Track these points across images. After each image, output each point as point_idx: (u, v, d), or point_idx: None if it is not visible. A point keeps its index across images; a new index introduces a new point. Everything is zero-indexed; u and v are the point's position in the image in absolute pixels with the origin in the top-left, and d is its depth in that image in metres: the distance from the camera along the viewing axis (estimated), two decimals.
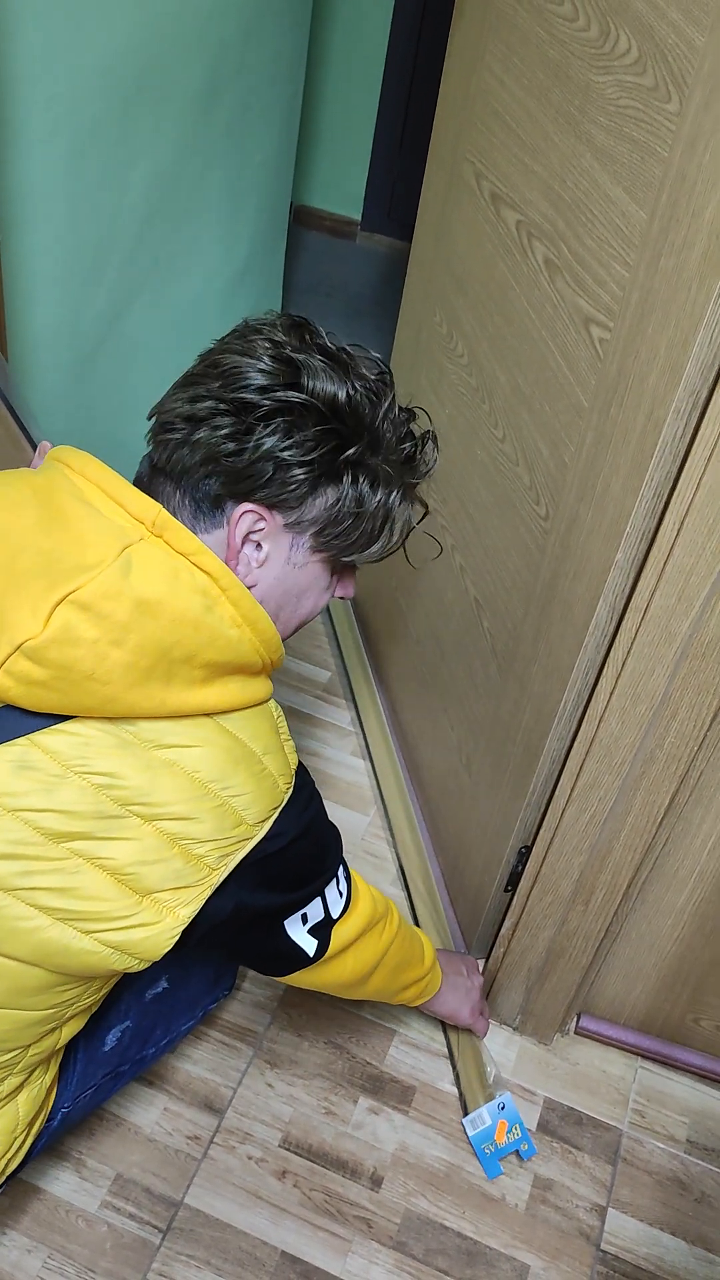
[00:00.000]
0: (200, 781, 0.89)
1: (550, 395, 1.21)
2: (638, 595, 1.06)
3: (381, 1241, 1.33)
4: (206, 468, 0.91)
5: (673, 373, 0.95)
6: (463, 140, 1.43)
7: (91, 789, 0.86)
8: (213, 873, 0.91)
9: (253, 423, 0.90)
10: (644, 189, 0.98)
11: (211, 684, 0.89)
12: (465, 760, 1.57)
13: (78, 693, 0.83)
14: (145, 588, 0.84)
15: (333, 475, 0.94)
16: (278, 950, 1.06)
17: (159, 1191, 1.33)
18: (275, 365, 0.91)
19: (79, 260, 1.71)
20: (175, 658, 0.85)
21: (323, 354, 0.94)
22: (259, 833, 0.93)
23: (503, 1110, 1.41)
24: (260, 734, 0.94)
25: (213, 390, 0.91)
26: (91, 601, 0.82)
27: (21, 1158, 1.10)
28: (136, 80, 1.66)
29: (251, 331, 0.95)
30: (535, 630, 1.28)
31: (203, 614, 0.86)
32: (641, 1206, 1.40)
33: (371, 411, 0.95)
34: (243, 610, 0.90)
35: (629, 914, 1.38)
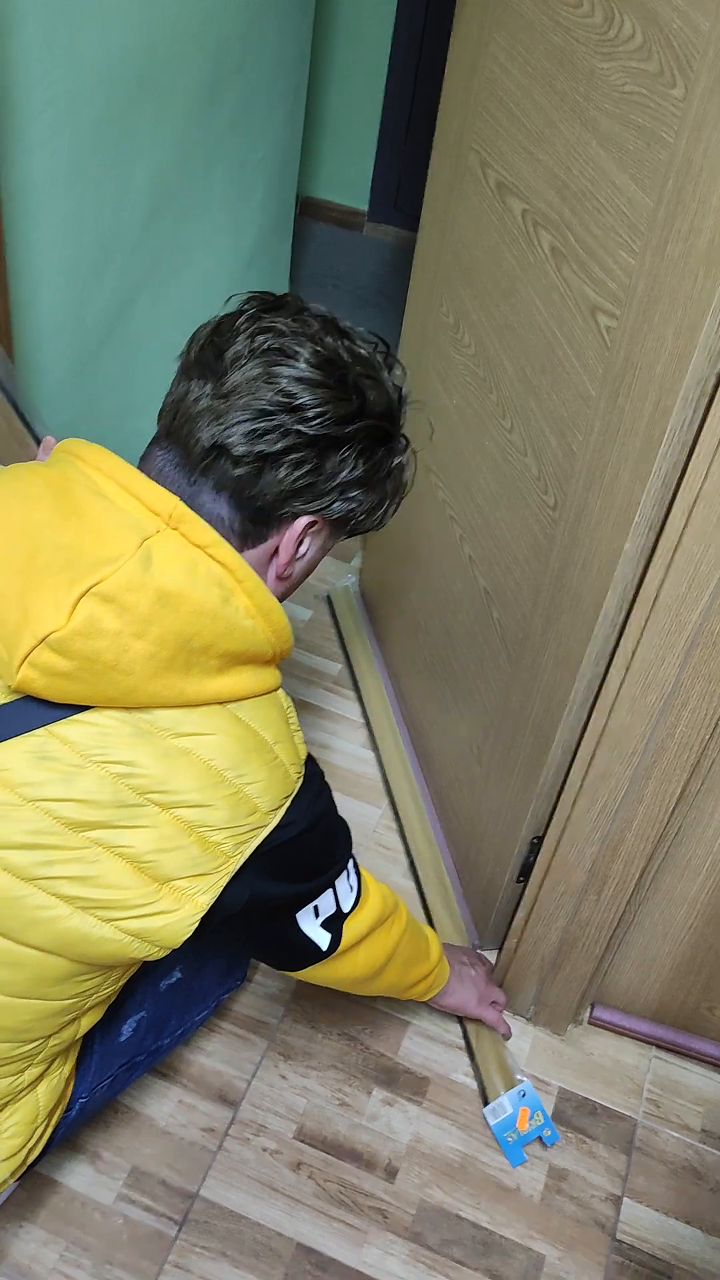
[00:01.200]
0: (215, 770, 0.90)
1: (557, 384, 1.20)
2: (647, 584, 1.05)
3: (397, 1232, 1.33)
4: (281, 497, 0.93)
5: (680, 360, 0.94)
6: (468, 129, 1.42)
7: (110, 778, 0.87)
8: (229, 860, 0.92)
9: (333, 456, 0.93)
10: (650, 175, 0.98)
11: (226, 673, 0.91)
12: (476, 751, 1.57)
13: (101, 683, 0.84)
14: (166, 580, 0.85)
15: (385, 481, 1.00)
16: (291, 943, 1.07)
17: (174, 1184, 1.34)
18: (339, 389, 0.92)
19: (83, 255, 1.71)
20: (194, 648, 0.86)
21: (356, 357, 0.95)
22: (273, 820, 0.94)
23: (524, 1098, 1.42)
24: (271, 722, 0.95)
25: (283, 423, 0.90)
26: (114, 594, 0.83)
27: (42, 1148, 1.11)
28: (138, 77, 1.66)
29: (294, 340, 0.92)
30: (545, 620, 1.28)
31: (220, 605, 0.87)
32: (657, 1196, 1.40)
33: (401, 406, 1.00)
34: (257, 601, 0.91)
35: (642, 903, 1.38)
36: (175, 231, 1.96)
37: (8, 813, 0.86)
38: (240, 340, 0.92)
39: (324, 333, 0.94)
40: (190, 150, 1.91)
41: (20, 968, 0.91)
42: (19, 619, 0.82)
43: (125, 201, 1.76)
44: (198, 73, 1.84)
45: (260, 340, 0.92)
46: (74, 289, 1.72)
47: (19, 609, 0.83)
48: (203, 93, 1.88)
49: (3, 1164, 1.05)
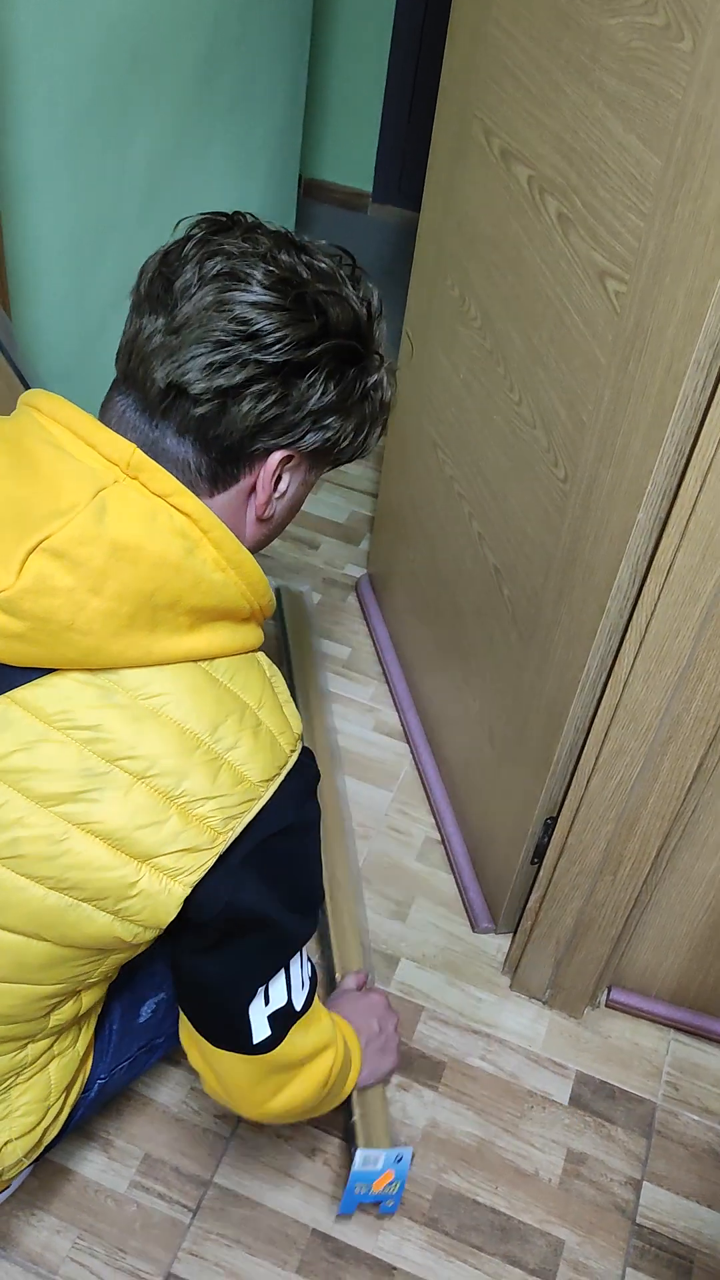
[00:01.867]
0: (190, 732, 0.84)
1: (566, 354, 1.18)
2: (660, 555, 1.03)
3: (414, 1218, 1.32)
4: (250, 433, 0.86)
5: (692, 323, 0.92)
6: (471, 97, 1.39)
7: (75, 745, 0.82)
8: (219, 837, 0.86)
9: (299, 383, 0.85)
10: (658, 134, 0.95)
11: (199, 630, 0.86)
12: (488, 732, 1.55)
13: (58, 644, 0.80)
14: (121, 531, 0.80)
15: (360, 404, 0.91)
16: (228, 1014, 0.96)
17: (188, 1171, 1.32)
18: (298, 309, 0.84)
19: (83, 234, 1.69)
20: (159, 604, 0.82)
21: (314, 271, 0.87)
22: (265, 793, 0.88)
23: (399, 1163, 1.29)
24: (252, 684, 0.90)
25: (241, 353, 0.83)
26: (65, 548, 0.78)
27: (60, 1127, 1.09)
28: (135, 50, 1.64)
29: (244, 262, 0.84)
30: (556, 596, 1.26)
31: (184, 557, 0.82)
32: (677, 1179, 1.38)
33: (370, 320, 0.91)
34: (226, 553, 0.86)
35: (658, 883, 1.36)
36: (176, 211, 1.94)
37: None
38: (189, 268, 0.85)
39: (277, 250, 0.86)
40: (190, 127, 1.88)
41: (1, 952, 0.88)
42: None
43: (124, 179, 1.73)
44: (196, 47, 1.81)
45: (210, 265, 0.84)
46: (75, 268, 1.70)
47: None
48: (201, 68, 1.86)
49: (17, 1142, 1.03)
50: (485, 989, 1.54)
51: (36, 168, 1.52)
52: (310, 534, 2.28)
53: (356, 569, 2.21)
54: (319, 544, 2.26)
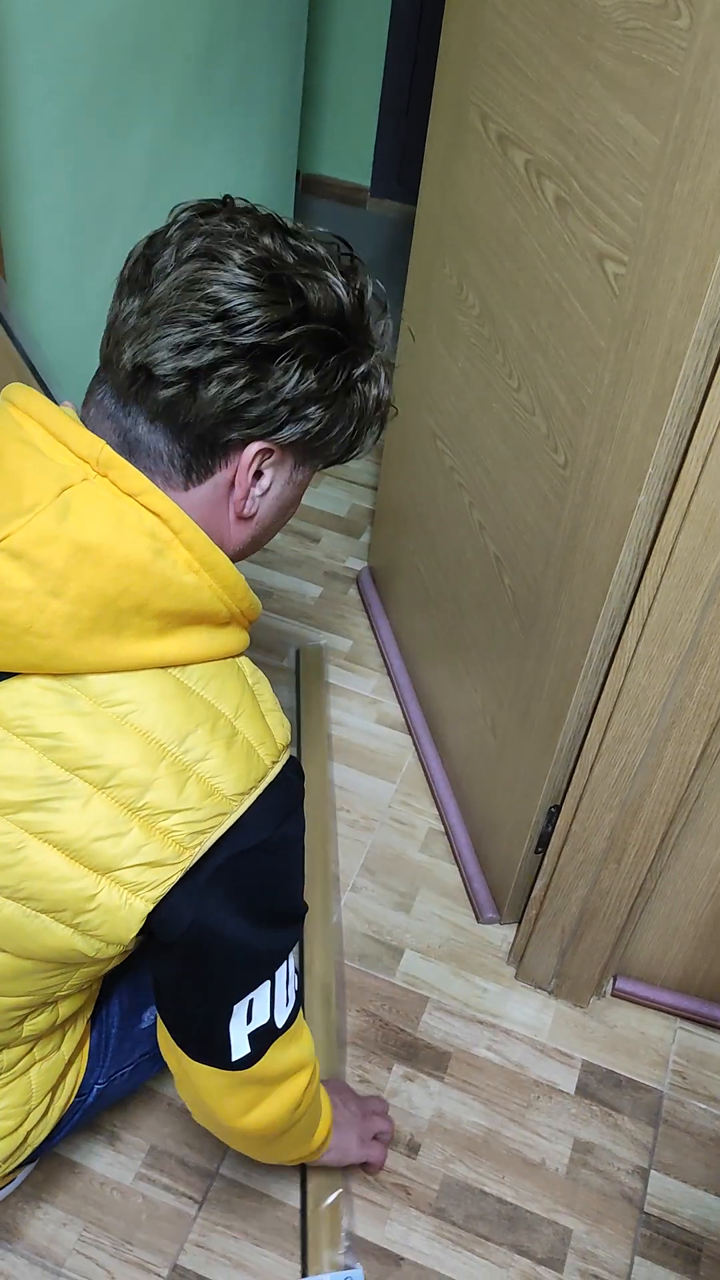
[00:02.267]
0: (156, 742, 0.81)
1: (565, 339, 1.17)
2: (662, 538, 1.02)
3: (420, 1209, 1.31)
4: (218, 419, 0.82)
5: (691, 302, 0.92)
6: (467, 83, 1.39)
7: (34, 752, 0.80)
8: (185, 852, 0.83)
9: (270, 367, 0.81)
10: (656, 112, 0.95)
11: (170, 635, 0.82)
12: (490, 722, 1.54)
13: (17, 648, 0.77)
14: (84, 531, 0.77)
15: (346, 396, 0.87)
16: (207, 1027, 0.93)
17: (194, 1163, 1.32)
18: (273, 290, 0.80)
19: (82, 226, 1.68)
20: (123, 607, 0.78)
21: (301, 255, 0.84)
22: (237, 808, 0.84)
23: None
24: (228, 692, 0.86)
25: (210, 333, 0.79)
26: (24, 548, 0.76)
27: (49, 1131, 1.08)
28: (132, 42, 1.63)
29: (221, 242, 0.81)
30: (557, 583, 1.25)
31: (152, 559, 0.79)
32: (685, 1168, 1.38)
33: (361, 310, 0.87)
34: (198, 554, 0.82)
35: (663, 871, 1.35)
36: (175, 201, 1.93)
37: None
38: (169, 250, 0.82)
39: (260, 232, 0.83)
40: (188, 119, 1.88)
41: None
42: None
43: (123, 171, 1.73)
44: (194, 39, 1.81)
45: (188, 246, 0.81)
46: (74, 259, 1.70)
47: None
48: (199, 60, 1.85)
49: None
50: (490, 979, 1.54)
51: (35, 159, 1.52)
52: (311, 527, 2.28)
53: (358, 562, 2.21)
54: (320, 537, 2.26)
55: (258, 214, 0.86)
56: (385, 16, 3.15)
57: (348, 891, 1.62)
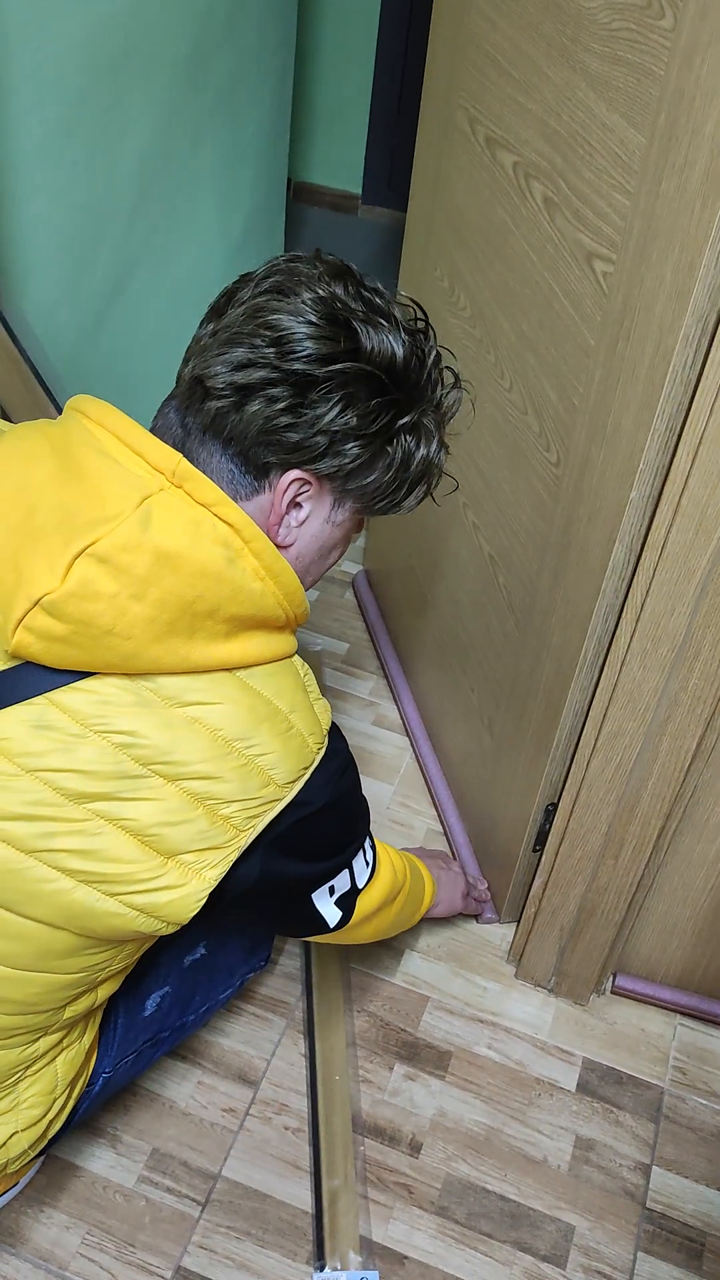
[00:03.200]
0: (224, 739, 0.86)
1: (556, 338, 1.18)
2: (654, 532, 1.03)
3: (423, 1207, 1.31)
4: (259, 438, 0.88)
5: (679, 299, 0.92)
6: (455, 87, 1.40)
7: (111, 748, 0.84)
8: (240, 834, 0.89)
9: (312, 396, 0.87)
10: (641, 112, 0.96)
11: (234, 638, 0.87)
12: (487, 721, 1.55)
13: (99, 649, 0.82)
14: (165, 539, 0.81)
15: (386, 443, 0.93)
16: (299, 917, 1.05)
17: (196, 1165, 1.32)
18: (329, 328, 0.87)
19: (75, 232, 1.69)
20: (198, 611, 0.83)
21: (369, 306, 0.90)
22: (288, 794, 0.91)
23: None
24: (285, 690, 0.92)
25: (264, 356, 0.86)
26: (110, 554, 0.80)
27: (63, 1121, 1.10)
28: (122, 49, 1.64)
29: (296, 283, 0.89)
30: (552, 580, 1.26)
31: (225, 566, 0.84)
32: (686, 1164, 1.38)
33: (419, 368, 0.93)
34: (265, 563, 0.88)
35: (660, 867, 1.36)
36: (167, 209, 1.94)
37: (7, 783, 0.84)
38: (250, 284, 0.91)
39: (334, 278, 0.90)
40: (178, 126, 1.89)
41: (24, 941, 0.89)
42: (14, 581, 0.80)
43: (115, 176, 1.74)
44: (183, 45, 1.82)
45: (266, 283, 0.90)
46: (68, 266, 1.70)
47: (14, 571, 0.81)
48: (188, 66, 1.86)
49: (23, 1134, 1.03)
50: (490, 978, 1.54)
51: (27, 166, 1.53)
52: None
53: (353, 565, 2.21)
54: None
55: (336, 264, 0.93)
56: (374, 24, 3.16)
57: None
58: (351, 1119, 1.37)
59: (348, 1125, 1.35)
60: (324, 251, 0.95)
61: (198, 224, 2.10)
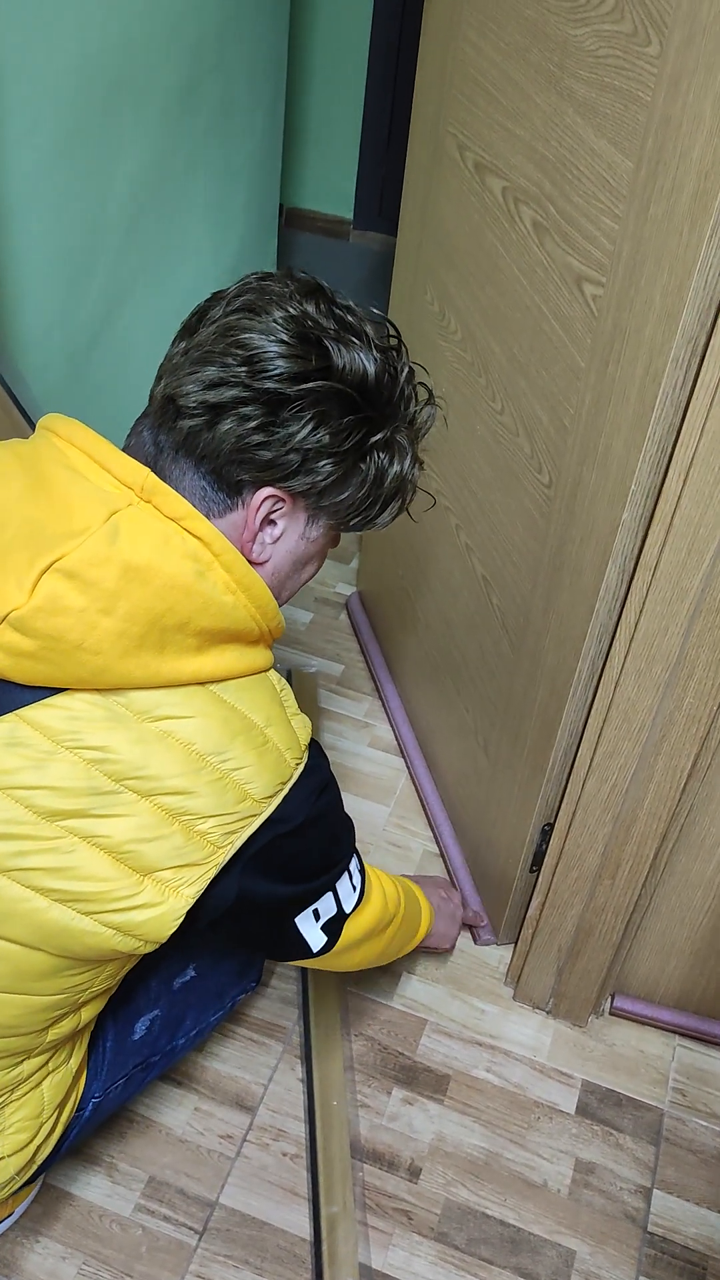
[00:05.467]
0: (197, 754, 0.86)
1: (546, 360, 1.19)
2: (646, 553, 1.03)
3: (422, 1233, 1.30)
4: (231, 457, 0.89)
5: (669, 321, 0.93)
6: (444, 113, 1.41)
7: (83, 764, 0.84)
8: (218, 851, 0.89)
9: (284, 415, 0.88)
10: (629, 137, 0.97)
11: (206, 652, 0.87)
12: (482, 742, 1.55)
13: (68, 664, 0.82)
14: (134, 553, 0.82)
15: (358, 460, 0.93)
16: (284, 940, 1.04)
17: (193, 1192, 1.31)
18: (300, 346, 0.88)
19: (68, 258, 1.70)
20: (168, 625, 0.83)
21: (340, 324, 0.91)
22: (266, 809, 0.91)
23: None
24: (260, 704, 0.92)
25: (235, 375, 0.87)
26: (78, 569, 0.80)
27: (53, 1146, 1.09)
28: (114, 78, 1.65)
29: (267, 301, 0.90)
30: (545, 601, 1.26)
31: (194, 580, 0.84)
32: (688, 1186, 1.37)
33: (391, 384, 0.94)
34: (236, 576, 0.88)
35: (658, 887, 1.36)
36: (160, 235, 1.95)
37: None
38: (222, 303, 0.92)
39: (305, 296, 0.91)
40: (170, 153, 1.90)
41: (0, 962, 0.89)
42: None
43: (107, 204, 1.75)
44: (175, 72, 1.83)
45: (238, 301, 0.91)
46: (60, 292, 1.71)
47: None
48: (180, 94, 1.88)
49: (10, 1159, 1.02)
50: (488, 1001, 1.54)
51: (19, 194, 1.54)
52: None
53: (347, 587, 2.22)
54: None
55: (308, 282, 0.93)
56: (364, 51, 3.19)
57: None
58: (350, 1144, 1.36)
59: (346, 1151, 1.34)
60: (297, 269, 0.96)
61: (190, 250, 2.11)
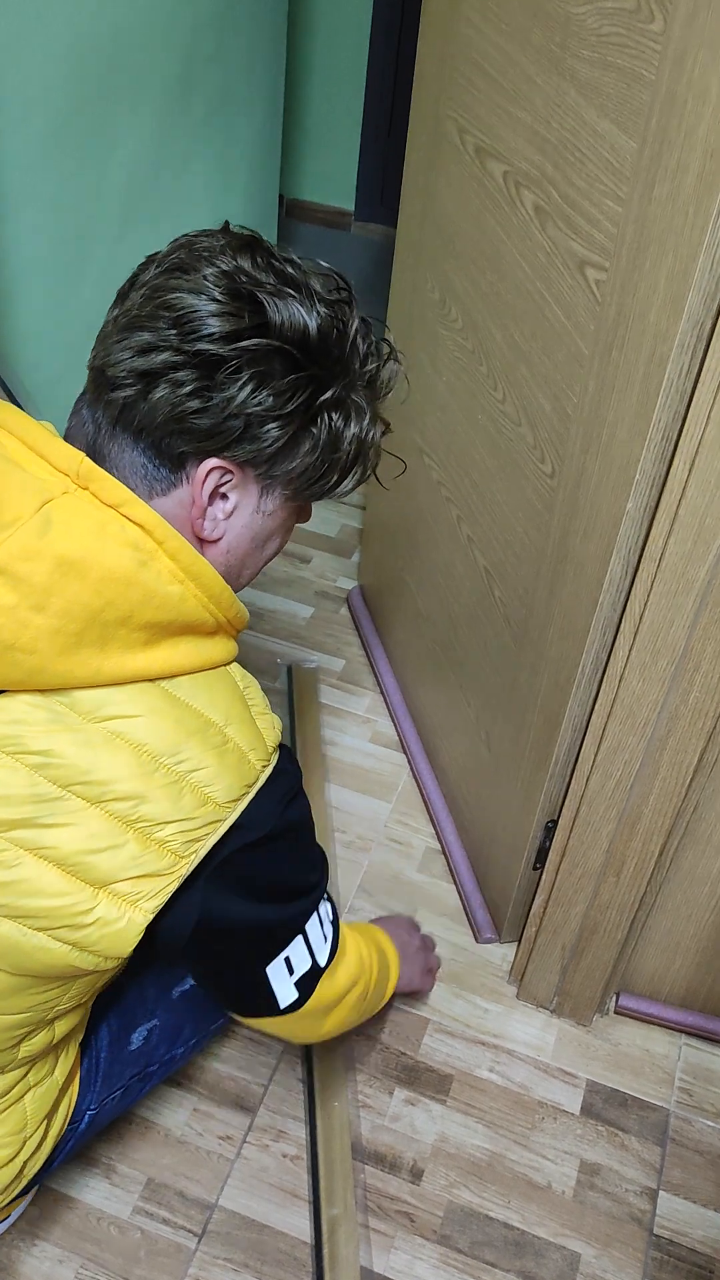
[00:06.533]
0: (149, 755, 0.81)
1: (549, 347, 1.16)
2: (651, 544, 1.01)
3: (425, 1236, 1.28)
4: (168, 427, 0.82)
5: (674, 305, 0.91)
6: (444, 97, 1.39)
7: (26, 770, 0.79)
8: (180, 861, 0.83)
9: (219, 377, 0.81)
10: (632, 117, 0.94)
11: (156, 646, 0.82)
12: (485, 736, 1.53)
13: (1, 665, 0.77)
14: (66, 545, 0.76)
15: (308, 423, 0.86)
16: (250, 985, 0.96)
17: (192, 1194, 1.29)
18: (233, 303, 0.81)
19: (63, 249, 1.68)
20: (108, 620, 0.78)
21: (279, 277, 0.84)
22: (230, 814, 0.85)
23: None
24: (219, 701, 0.86)
25: (166, 338, 0.80)
26: (5, 564, 0.75)
27: (44, 1160, 1.06)
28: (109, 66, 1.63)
29: (197, 259, 0.83)
30: (548, 593, 1.24)
31: (136, 570, 0.79)
32: (694, 1188, 1.35)
33: (339, 339, 0.87)
34: (183, 564, 0.82)
35: (663, 884, 1.34)
36: (157, 227, 1.93)
37: None
38: (154, 264, 0.85)
39: (239, 252, 0.84)
40: (166, 143, 1.88)
41: None
42: None
43: (103, 194, 1.73)
44: (171, 62, 1.81)
45: (168, 260, 0.84)
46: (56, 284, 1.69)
47: None
48: (177, 83, 1.85)
49: None
50: (491, 999, 1.52)
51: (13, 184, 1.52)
52: (302, 549, 2.27)
53: (348, 581, 2.20)
54: (310, 558, 2.25)
55: (244, 236, 0.87)
56: (365, 39, 3.16)
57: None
58: (351, 1145, 1.34)
59: (347, 1152, 1.32)
60: (234, 224, 0.89)
61: None
